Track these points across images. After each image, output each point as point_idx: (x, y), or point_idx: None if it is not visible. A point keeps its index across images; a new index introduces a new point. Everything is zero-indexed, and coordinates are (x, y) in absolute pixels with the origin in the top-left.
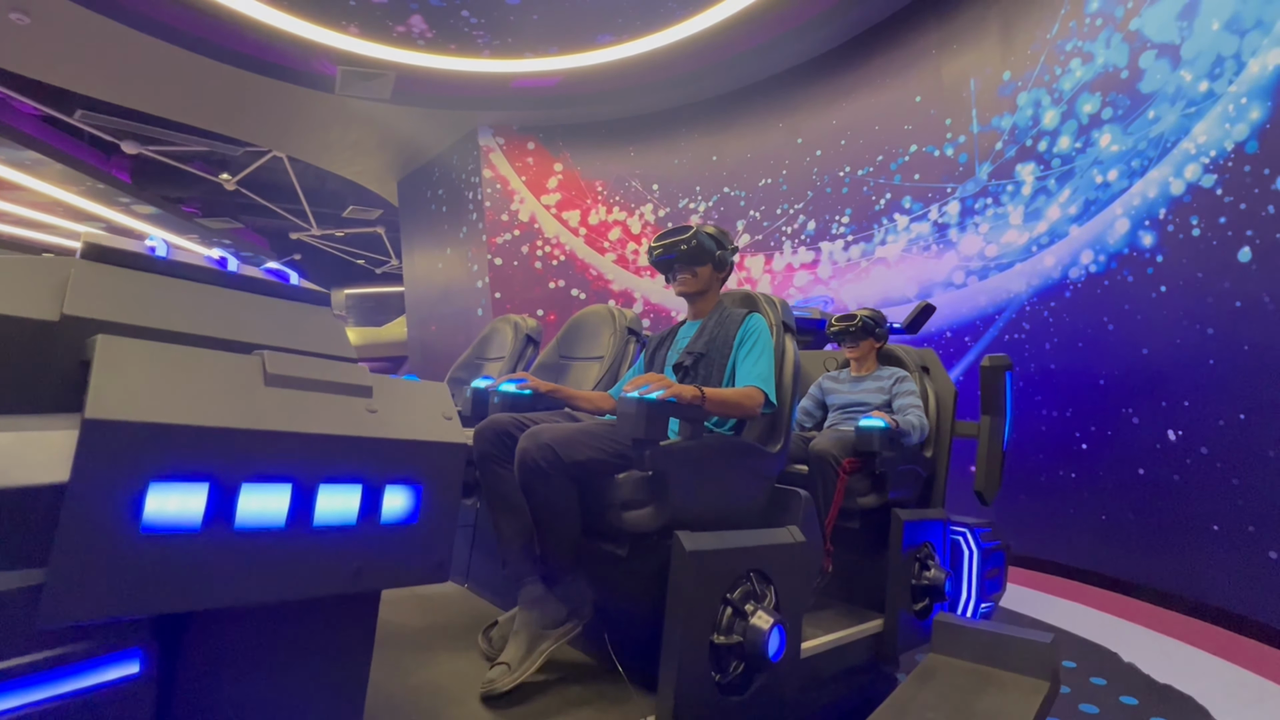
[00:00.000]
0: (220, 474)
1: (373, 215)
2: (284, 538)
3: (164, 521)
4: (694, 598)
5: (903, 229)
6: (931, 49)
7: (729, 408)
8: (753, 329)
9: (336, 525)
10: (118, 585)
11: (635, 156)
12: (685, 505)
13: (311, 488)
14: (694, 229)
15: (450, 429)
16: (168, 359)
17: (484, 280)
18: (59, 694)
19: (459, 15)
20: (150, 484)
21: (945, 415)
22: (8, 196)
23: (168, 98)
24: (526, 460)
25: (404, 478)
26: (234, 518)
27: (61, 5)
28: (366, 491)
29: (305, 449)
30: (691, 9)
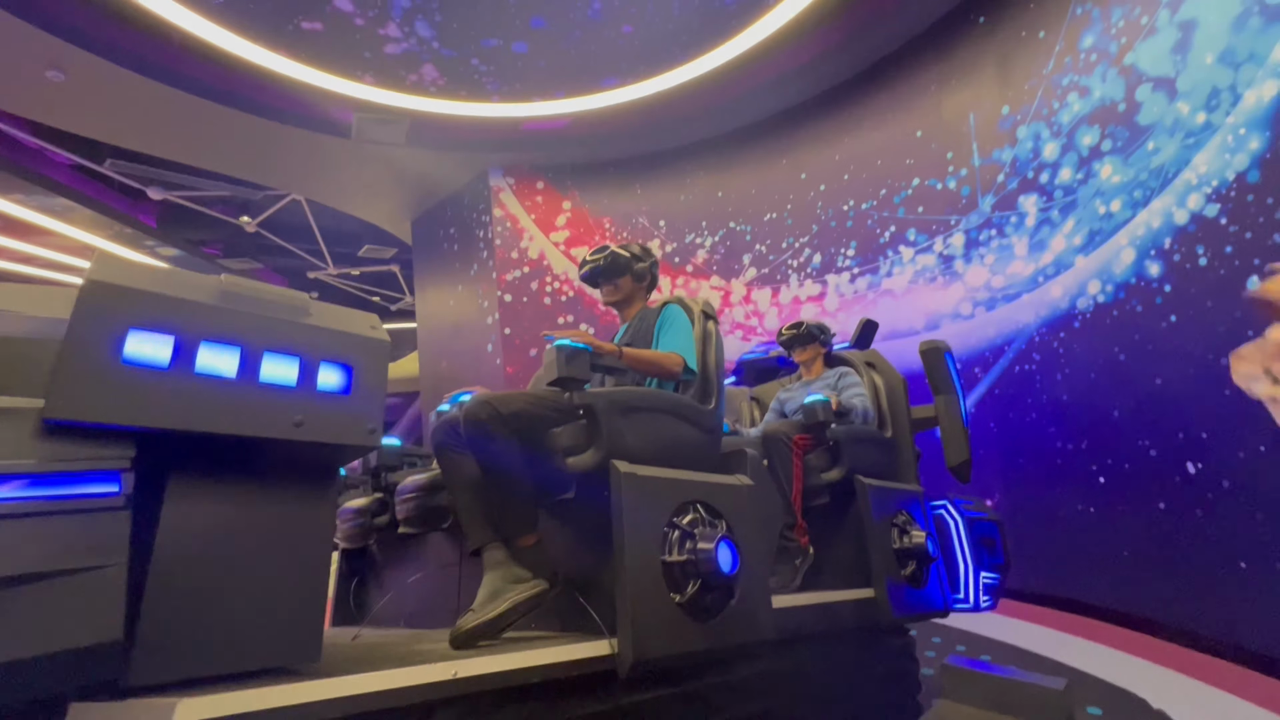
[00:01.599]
0: (182, 331)
1: (387, 254)
2: (234, 385)
3: (140, 358)
4: (637, 520)
5: (908, 261)
6: (931, 85)
7: (647, 364)
8: (669, 315)
9: (278, 384)
10: (104, 398)
11: (642, 194)
12: (622, 445)
13: (257, 354)
14: (610, 247)
15: (376, 333)
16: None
17: (494, 316)
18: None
19: (469, 64)
20: (130, 330)
21: (898, 400)
22: (40, 241)
23: (192, 146)
24: (469, 418)
25: (336, 359)
26: (194, 364)
27: (95, 63)
28: (303, 364)
29: (251, 325)
30: (694, 52)
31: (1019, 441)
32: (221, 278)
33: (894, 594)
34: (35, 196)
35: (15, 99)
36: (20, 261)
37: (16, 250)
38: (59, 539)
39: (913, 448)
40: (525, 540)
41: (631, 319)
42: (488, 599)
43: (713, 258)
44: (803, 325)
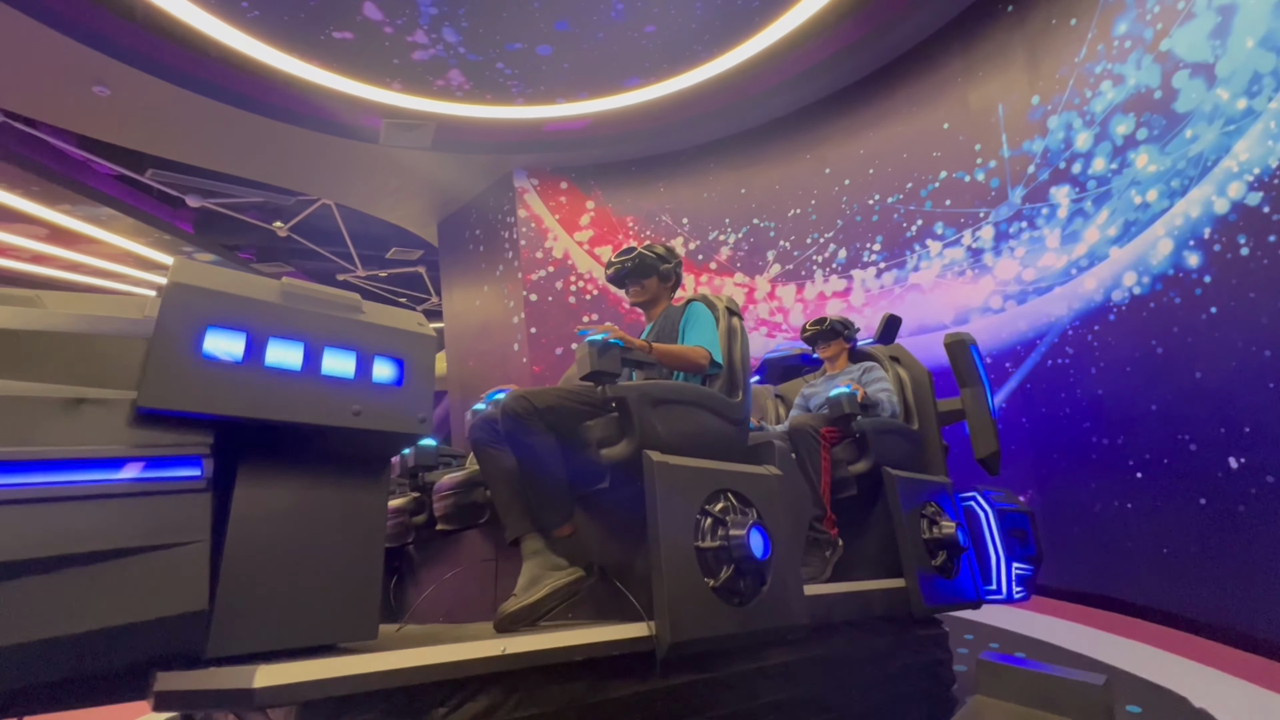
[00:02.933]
0: (253, 328)
1: (414, 256)
2: (299, 378)
3: (217, 353)
4: (670, 508)
5: (936, 255)
6: (957, 77)
7: (675, 358)
8: (693, 312)
9: (338, 376)
10: (187, 389)
11: (665, 192)
12: (654, 436)
13: (319, 349)
14: (636, 249)
15: (423, 329)
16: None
17: (519, 316)
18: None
19: (494, 68)
20: (208, 328)
21: (924, 394)
22: (86, 250)
23: (228, 154)
24: (507, 412)
25: (389, 353)
26: (264, 358)
27: (138, 77)
28: (360, 358)
29: (311, 323)
30: (717, 50)
31: (1052, 437)
32: (282, 281)
33: (925, 584)
34: (81, 206)
35: (63, 113)
36: (68, 269)
37: (65, 258)
38: (149, 517)
39: (940, 440)
40: (562, 531)
41: (657, 317)
42: (528, 584)
43: (736, 254)
44: (826, 321)
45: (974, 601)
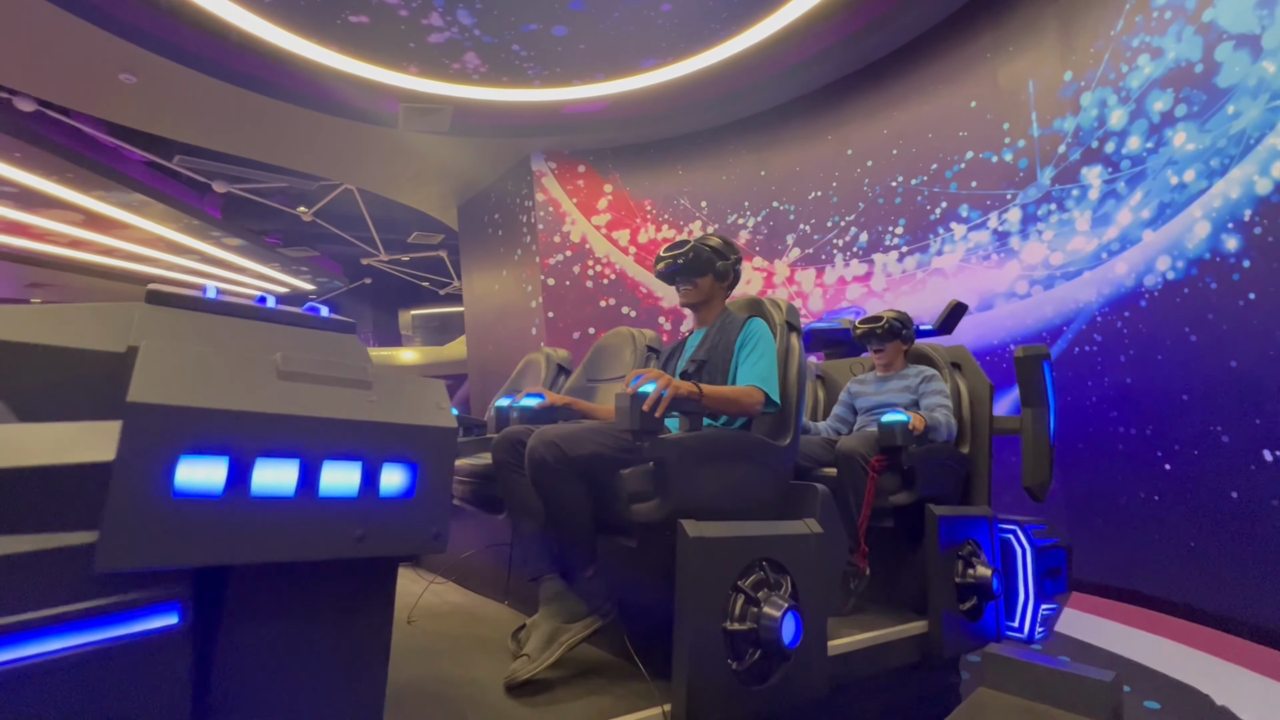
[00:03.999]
0: (236, 450)
1: (435, 240)
2: (293, 505)
3: (192, 488)
4: (701, 584)
5: (960, 238)
6: (986, 53)
7: (727, 404)
8: (753, 332)
9: (340, 496)
10: (155, 539)
11: (683, 175)
12: (691, 496)
13: (316, 464)
14: (692, 242)
15: (442, 416)
16: (198, 356)
17: (537, 300)
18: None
19: (510, 50)
20: (180, 457)
21: (981, 411)
22: (119, 235)
23: (253, 140)
24: (534, 457)
25: (400, 457)
26: (250, 486)
27: (164, 65)
28: (366, 468)
29: (310, 430)
30: (735, 28)
31: (1077, 426)
32: (277, 356)
33: (949, 628)
34: (114, 192)
35: (93, 101)
36: (103, 254)
37: (100, 243)
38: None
39: (989, 463)
40: (584, 573)
41: (710, 325)
42: (543, 645)
43: (755, 238)
44: (883, 320)
45: (995, 639)
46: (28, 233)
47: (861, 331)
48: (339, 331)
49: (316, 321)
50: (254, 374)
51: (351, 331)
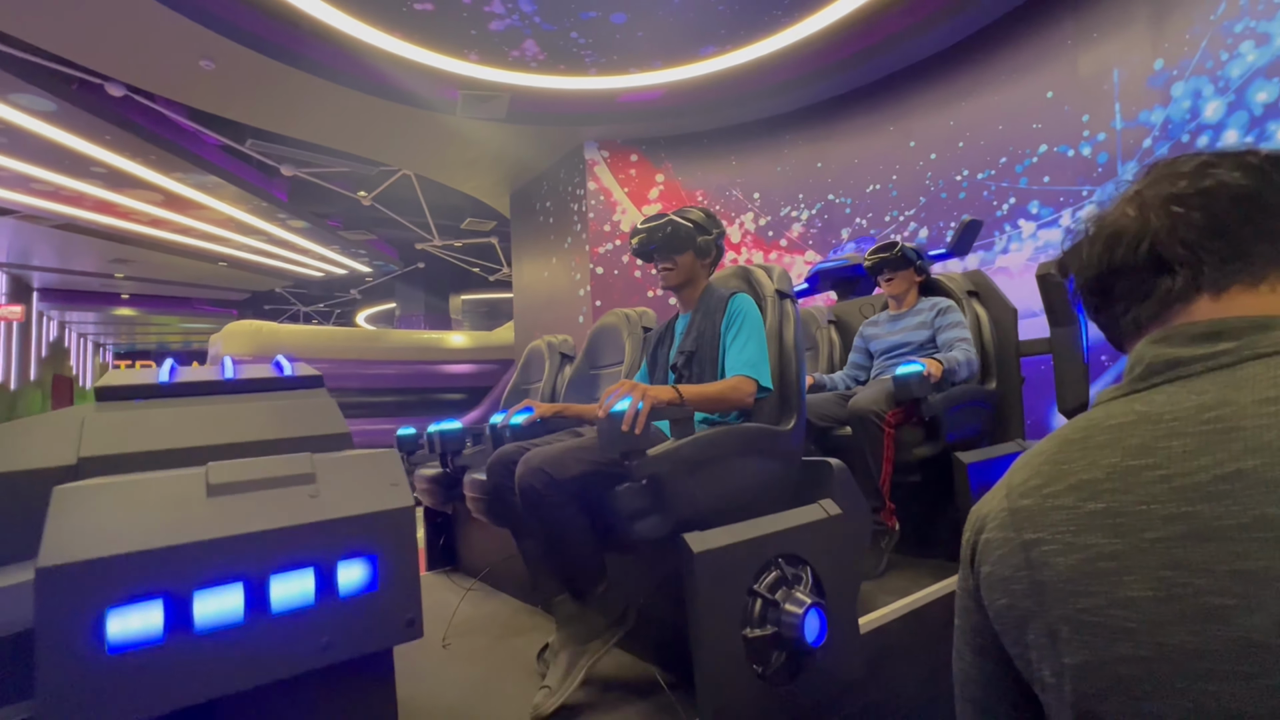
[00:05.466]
0: (171, 588)
1: (487, 227)
2: (244, 630)
3: (127, 640)
4: (713, 598)
5: (1028, 236)
6: (1066, 40)
7: (713, 402)
8: (736, 312)
9: (295, 609)
10: (95, 703)
11: (736, 165)
12: (692, 506)
13: (263, 581)
14: (667, 216)
15: (396, 495)
16: (115, 492)
17: (585, 289)
18: None
19: (568, 38)
20: (108, 611)
21: (1007, 339)
22: (195, 215)
23: (320, 125)
24: (524, 487)
25: (356, 551)
26: (192, 623)
27: (241, 52)
28: (320, 572)
29: (250, 548)
30: (797, 15)
31: None
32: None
33: None
34: (192, 174)
35: (175, 86)
36: (180, 233)
37: (178, 223)
38: None
39: (1020, 394)
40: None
41: (694, 309)
42: (563, 675)
43: (809, 231)
44: (896, 246)
45: None
46: (114, 211)
47: (872, 262)
48: (306, 389)
49: (282, 383)
50: (180, 498)
51: (319, 385)
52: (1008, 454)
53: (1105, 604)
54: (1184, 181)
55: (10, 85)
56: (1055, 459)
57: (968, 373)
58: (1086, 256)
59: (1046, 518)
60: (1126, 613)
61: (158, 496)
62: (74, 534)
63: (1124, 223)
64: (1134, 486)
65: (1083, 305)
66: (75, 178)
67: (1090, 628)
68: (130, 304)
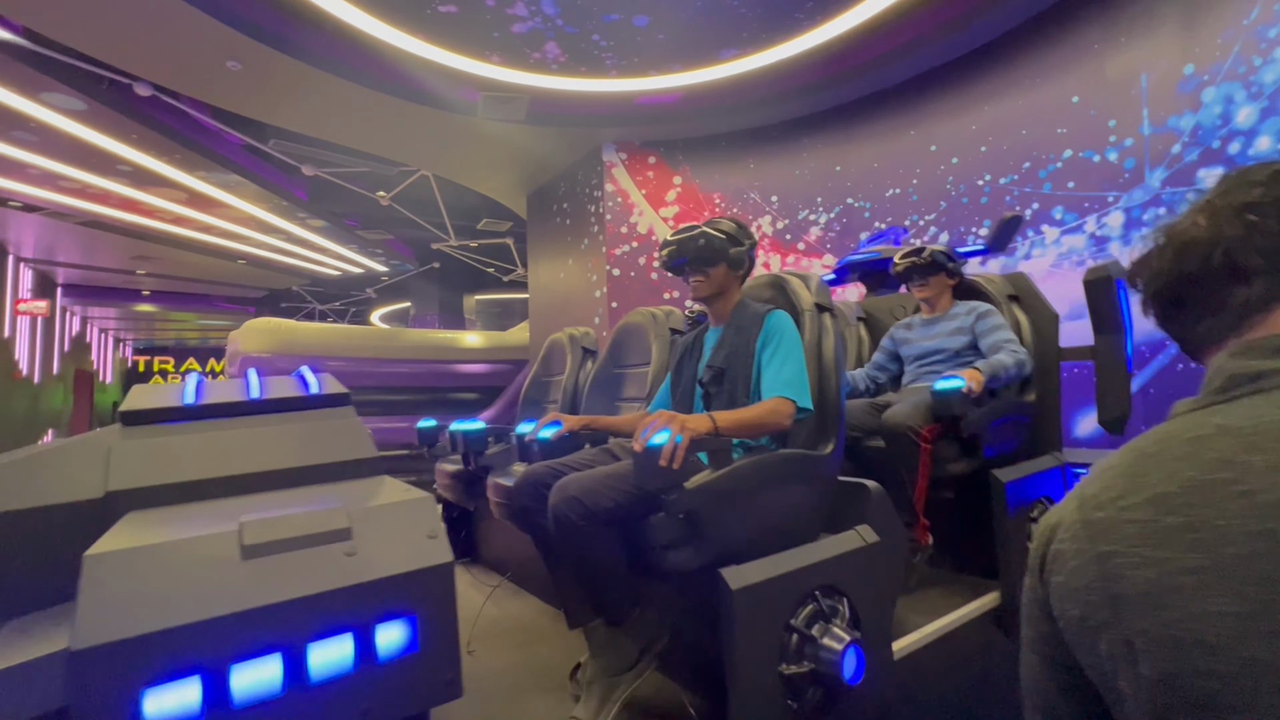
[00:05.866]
0: (208, 663)
1: (503, 227)
2: (283, 702)
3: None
4: (750, 634)
5: (1052, 242)
6: (1094, 44)
7: (751, 428)
8: (773, 329)
9: (334, 676)
10: None
11: (755, 168)
12: (728, 538)
13: (301, 650)
14: (700, 227)
15: (436, 550)
16: (147, 559)
17: (602, 290)
18: None
19: (590, 40)
20: (144, 692)
21: (1048, 346)
22: (217, 213)
23: (342, 126)
24: (558, 515)
25: (395, 612)
26: (230, 699)
27: (267, 53)
28: (358, 636)
29: (287, 615)
30: (819, 18)
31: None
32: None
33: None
34: (215, 173)
35: (202, 86)
36: (202, 230)
37: (200, 220)
38: None
39: (1058, 403)
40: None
41: (725, 323)
42: (598, 708)
43: (827, 235)
44: (926, 251)
45: None
46: (137, 208)
47: (902, 267)
48: (333, 407)
49: (309, 401)
50: (213, 562)
51: (346, 404)
52: (1045, 469)
53: (1184, 618)
54: (1259, 189)
55: (42, 85)
56: (1130, 472)
57: (1017, 374)
58: (1156, 266)
59: (1122, 530)
60: (1206, 627)
61: (191, 561)
62: (107, 610)
63: (1195, 232)
64: (1213, 501)
65: (1154, 314)
66: (102, 175)
67: (1169, 641)
68: (151, 300)
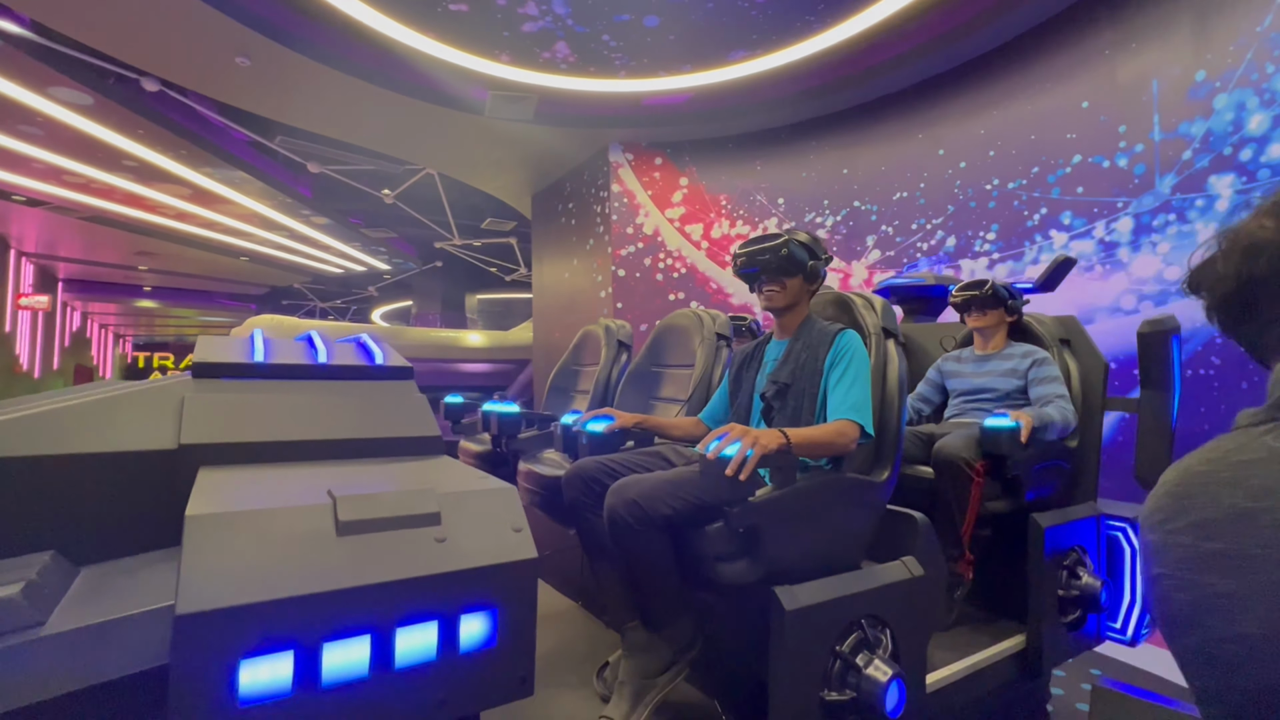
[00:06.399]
0: (303, 639)
1: (507, 227)
2: (368, 686)
3: (258, 692)
4: (798, 656)
5: (1060, 247)
6: (1104, 49)
7: (818, 448)
8: (844, 349)
9: (417, 664)
10: None
11: (761, 170)
12: (783, 556)
13: (389, 633)
14: (785, 236)
15: (521, 544)
16: (248, 528)
17: (607, 291)
18: None
19: (600, 40)
20: (241, 661)
21: (1093, 395)
22: (221, 210)
23: (350, 124)
24: (614, 517)
25: (479, 604)
26: (320, 677)
27: (276, 49)
28: (443, 625)
29: (381, 598)
30: (829, 21)
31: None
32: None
33: (1049, 641)
34: (220, 169)
35: (210, 83)
36: (205, 227)
37: (204, 217)
38: None
39: (1099, 452)
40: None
41: (793, 337)
42: (630, 709)
43: (833, 238)
44: (987, 284)
45: (1094, 642)
46: (142, 204)
47: (960, 299)
48: (397, 379)
49: (374, 372)
50: (311, 536)
51: (409, 377)
52: (1082, 518)
53: (1218, 639)
54: None
55: (49, 79)
56: (1177, 492)
57: (1061, 431)
58: (1222, 270)
59: (1169, 554)
60: (1238, 648)
61: (290, 533)
62: (210, 575)
63: (1263, 235)
64: (1252, 531)
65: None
66: (107, 171)
67: (1206, 659)
68: (152, 296)
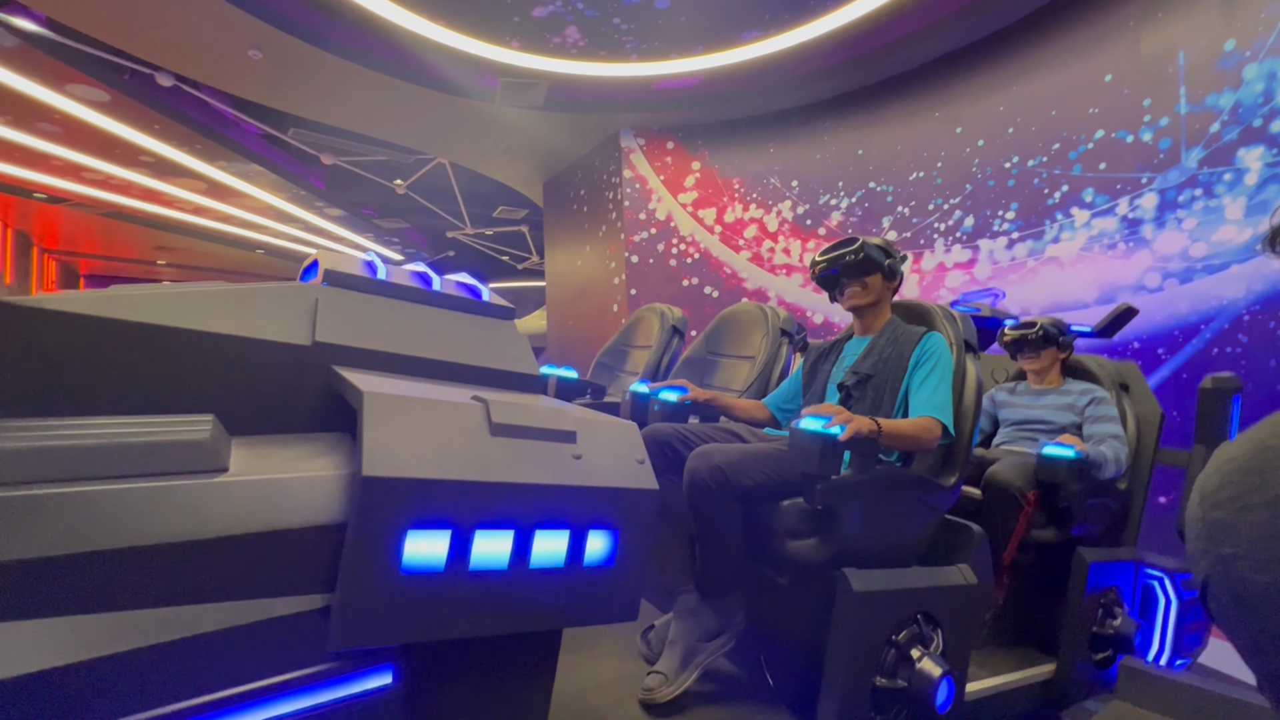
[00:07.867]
0: (459, 521)
1: (519, 215)
2: (506, 578)
3: (418, 563)
4: (858, 638)
5: (1081, 225)
6: (1129, 20)
7: (905, 441)
8: (931, 350)
9: (548, 568)
10: (387, 617)
11: (774, 153)
12: (851, 539)
13: (529, 533)
14: (860, 240)
15: (643, 475)
16: (417, 414)
17: (620, 277)
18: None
19: (611, 23)
20: (409, 530)
21: (1147, 441)
22: (236, 203)
23: (362, 114)
24: (696, 480)
25: (604, 523)
26: (469, 560)
27: (289, 41)
28: (574, 536)
29: (525, 498)
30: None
31: None
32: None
33: (1078, 676)
34: (234, 163)
35: (223, 76)
36: (221, 220)
37: (220, 210)
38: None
39: (1145, 499)
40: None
41: (876, 334)
42: (679, 667)
43: (848, 220)
44: (1037, 326)
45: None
46: (159, 199)
47: (1011, 339)
48: (501, 318)
49: (479, 307)
50: (469, 430)
51: (511, 318)
52: (1124, 560)
53: None
54: None
55: (66, 76)
56: (1249, 467)
57: (1114, 473)
58: None
59: (1242, 533)
60: None
61: (452, 423)
62: (389, 446)
63: None
64: None
65: None
66: (124, 166)
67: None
68: None
